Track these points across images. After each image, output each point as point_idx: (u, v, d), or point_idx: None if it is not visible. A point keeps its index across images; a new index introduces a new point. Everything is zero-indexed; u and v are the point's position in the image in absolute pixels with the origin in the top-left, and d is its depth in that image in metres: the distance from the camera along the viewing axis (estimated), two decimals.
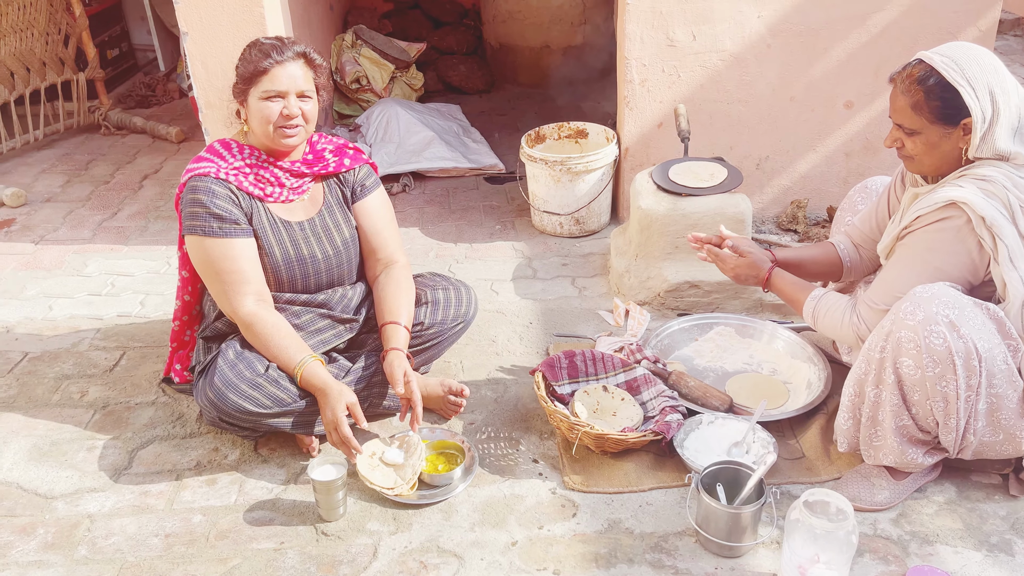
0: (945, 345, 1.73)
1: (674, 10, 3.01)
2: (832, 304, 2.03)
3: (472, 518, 1.97)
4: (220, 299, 2.11)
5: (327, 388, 2.01)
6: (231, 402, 1.99)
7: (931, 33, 3.03)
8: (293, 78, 2.07)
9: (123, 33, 5.49)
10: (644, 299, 2.80)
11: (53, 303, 2.99)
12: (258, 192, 2.14)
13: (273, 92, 2.05)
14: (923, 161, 1.88)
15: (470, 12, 5.71)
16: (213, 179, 2.09)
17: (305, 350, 2.07)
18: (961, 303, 1.74)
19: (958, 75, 1.77)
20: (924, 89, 1.80)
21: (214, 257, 2.07)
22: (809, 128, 3.23)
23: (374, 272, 2.30)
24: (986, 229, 1.75)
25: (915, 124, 1.84)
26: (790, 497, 1.98)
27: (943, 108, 1.80)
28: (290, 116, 2.08)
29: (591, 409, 2.20)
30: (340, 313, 2.23)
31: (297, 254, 2.17)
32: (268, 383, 2.02)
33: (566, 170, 3.19)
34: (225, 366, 2.03)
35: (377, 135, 4.02)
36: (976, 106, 1.76)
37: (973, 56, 1.79)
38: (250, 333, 2.08)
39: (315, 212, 2.23)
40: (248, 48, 2.10)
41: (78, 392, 2.49)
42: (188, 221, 2.09)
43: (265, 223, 2.14)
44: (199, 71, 3.00)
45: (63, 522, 2.00)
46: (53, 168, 4.24)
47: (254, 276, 2.10)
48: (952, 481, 2.01)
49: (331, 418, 1.99)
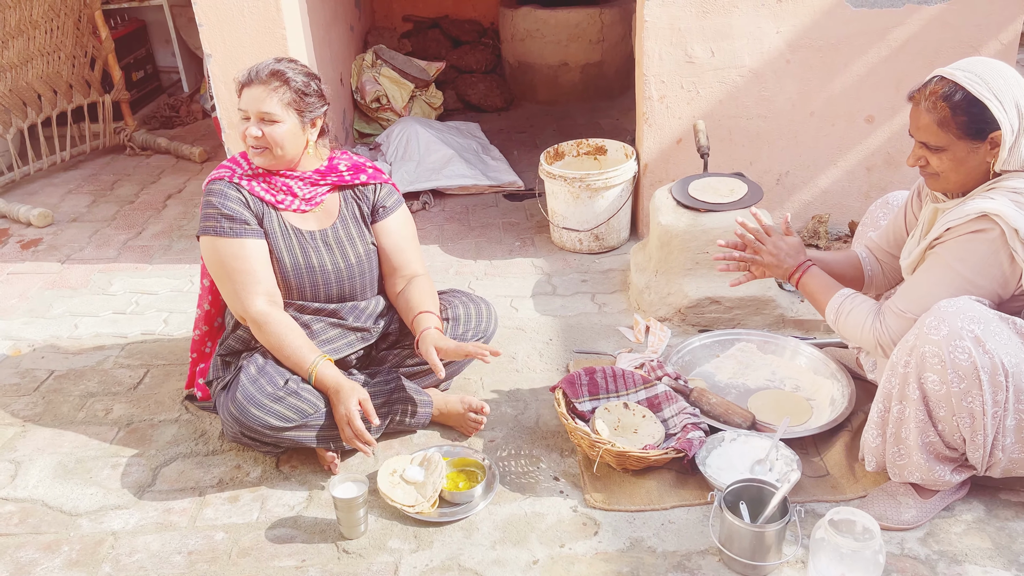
0: (970, 360, 1.70)
1: (692, 27, 3.02)
2: (858, 305, 1.99)
3: (493, 536, 1.96)
4: (231, 299, 2.13)
5: (339, 385, 2.04)
6: (254, 416, 2.00)
7: (952, 47, 3.02)
8: (254, 100, 2.06)
9: (148, 55, 5.58)
10: (664, 315, 2.79)
11: (79, 321, 3.03)
12: (270, 198, 2.17)
13: (242, 112, 2.10)
14: (949, 178, 1.86)
15: (488, 31, 5.75)
16: (226, 183, 2.15)
17: (316, 351, 2.10)
18: (986, 317, 1.72)
19: (984, 89, 1.76)
20: (950, 105, 1.79)
21: (225, 256, 2.10)
22: (829, 143, 3.22)
23: (395, 289, 2.31)
24: (1019, 241, 1.72)
25: (941, 141, 1.82)
26: (815, 515, 1.95)
27: (970, 123, 1.78)
28: (253, 137, 2.08)
29: (612, 426, 2.19)
30: (352, 323, 2.24)
31: (306, 263, 2.18)
32: (289, 395, 2.04)
33: (585, 187, 3.19)
34: (247, 381, 2.04)
35: (397, 153, 4.05)
36: (1005, 119, 1.75)
37: (996, 70, 1.78)
38: (261, 332, 2.09)
39: (328, 224, 2.24)
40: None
41: (103, 410, 2.51)
42: (202, 223, 2.14)
43: (276, 228, 2.17)
44: (222, 92, 3.04)
45: (87, 539, 2.02)
46: (79, 188, 4.30)
47: (265, 276, 2.12)
48: (980, 499, 1.98)
49: (343, 413, 2.02)
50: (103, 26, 4.55)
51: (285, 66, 2.09)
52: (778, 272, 2.16)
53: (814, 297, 2.10)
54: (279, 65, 2.09)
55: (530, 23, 5.02)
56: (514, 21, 5.09)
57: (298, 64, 2.14)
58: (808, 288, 2.11)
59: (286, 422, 2.03)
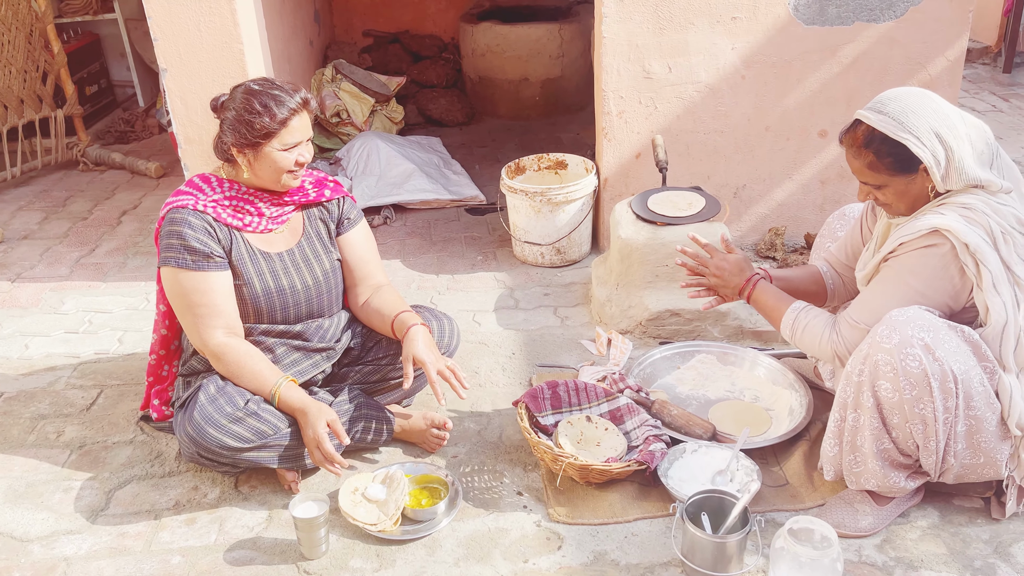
0: (921, 368, 1.74)
1: (650, 43, 3.06)
2: (812, 319, 2.03)
3: (456, 553, 1.95)
4: (191, 332, 2.10)
5: (306, 407, 2.02)
6: (211, 437, 1.97)
7: (901, 63, 3.10)
8: (306, 126, 2.10)
9: (102, 69, 5.49)
10: (626, 328, 2.81)
11: (29, 341, 2.95)
12: (236, 223, 2.13)
13: (291, 144, 2.07)
14: (898, 207, 1.92)
15: (449, 46, 5.77)
16: (191, 211, 2.08)
17: (279, 373, 2.07)
18: (936, 326, 1.77)
19: (899, 129, 1.81)
20: (873, 150, 1.85)
21: (187, 290, 2.06)
22: (785, 157, 3.28)
23: (359, 300, 2.30)
24: (969, 255, 1.77)
25: (878, 180, 1.89)
26: (775, 525, 1.98)
27: (896, 162, 1.84)
28: (303, 163, 2.12)
29: (575, 440, 2.19)
30: (316, 343, 2.22)
31: (276, 285, 2.16)
32: (248, 416, 2.01)
33: (546, 201, 3.21)
34: (205, 401, 2.01)
35: (358, 168, 4.03)
36: (925, 152, 1.80)
37: (908, 105, 1.82)
38: (220, 364, 2.06)
39: (294, 243, 2.23)
40: (249, 98, 2.04)
41: (54, 432, 2.45)
42: (164, 253, 2.09)
43: (244, 254, 2.14)
44: (178, 107, 3.00)
45: (39, 565, 1.96)
46: (30, 205, 4.21)
47: (226, 310, 2.09)
48: (935, 505, 2.02)
49: (312, 436, 1.99)
50: (55, 40, 4.47)
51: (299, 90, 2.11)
52: (727, 291, 2.22)
53: (767, 312, 2.15)
54: (298, 91, 2.10)
55: (490, 38, 5.05)
56: (474, 36, 5.11)
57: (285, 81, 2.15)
58: (760, 304, 2.16)
59: (244, 443, 1.99)
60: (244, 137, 2.04)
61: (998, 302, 1.78)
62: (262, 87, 2.06)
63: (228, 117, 2.06)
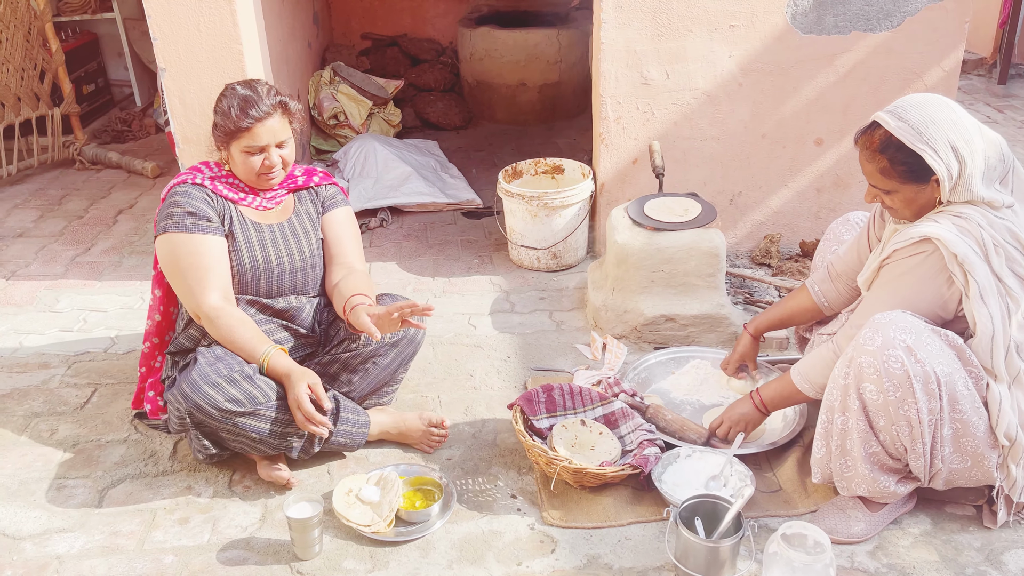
0: (903, 369, 1.76)
1: (648, 49, 3.08)
2: (813, 357, 2.05)
3: (450, 555, 1.95)
4: (186, 296, 2.14)
5: (291, 371, 2.06)
6: (204, 394, 1.99)
7: (897, 73, 3.12)
8: (272, 132, 2.14)
9: (99, 69, 5.49)
10: (621, 333, 2.82)
11: (23, 339, 2.94)
12: (232, 195, 2.22)
13: (255, 147, 2.14)
14: (904, 213, 1.92)
15: (447, 50, 5.78)
16: (190, 184, 2.19)
17: (268, 341, 2.11)
18: (918, 328, 1.78)
19: (916, 139, 1.80)
20: (888, 156, 1.85)
21: (182, 253, 2.12)
22: (781, 164, 3.30)
23: (334, 279, 2.30)
24: (958, 265, 1.78)
25: (888, 186, 1.89)
26: (768, 530, 1.98)
27: (909, 171, 1.84)
28: (271, 167, 2.18)
29: (569, 443, 2.19)
30: (298, 327, 2.27)
31: (264, 256, 2.22)
32: (243, 379, 2.04)
33: (543, 205, 3.22)
34: (204, 363, 2.03)
35: (355, 170, 4.04)
36: (940, 165, 1.80)
37: (929, 115, 1.82)
38: (214, 327, 2.10)
39: (285, 219, 2.30)
40: (224, 98, 2.15)
41: (48, 430, 2.44)
42: (162, 222, 2.15)
43: (236, 223, 2.21)
44: (177, 107, 3.00)
45: (31, 563, 1.95)
46: (26, 203, 4.20)
47: (220, 272, 2.14)
48: (927, 513, 2.03)
49: (294, 397, 2.02)
50: (54, 38, 4.47)
51: (275, 93, 2.17)
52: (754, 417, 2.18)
53: (789, 399, 2.14)
54: (272, 94, 2.16)
55: (488, 43, 5.06)
56: (472, 41, 5.12)
57: (271, 86, 2.21)
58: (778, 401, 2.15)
59: (237, 405, 2.01)
60: (217, 134, 2.17)
61: (984, 313, 1.79)
62: (240, 88, 2.15)
63: (214, 115, 2.18)
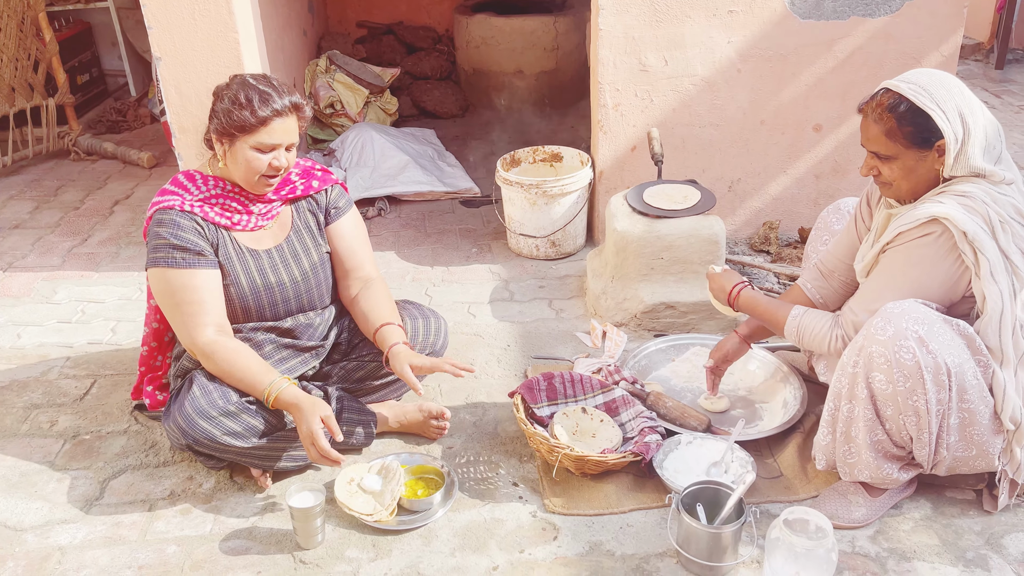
0: (914, 360, 1.76)
1: (646, 36, 3.06)
2: (815, 321, 2.04)
3: (452, 543, 1.95)
4: (180, 331, 2.06)
5: (300, 404, 1.97)
6: (201, 429, 1.95)
7: (895, 58, 3.11)
8: (287, 131, 2.04)
9: (94, 58, 5.45)
10: (621, 320, 2.82)
11: (21, 331, 2.94)
12: (225, 221, 2.10)
13: (268, 145, 2.02)
14: (900, 186, 1.91)
15: (443, 38, 5.75)
16: (178, 212, 2.05)
17: (273, 372, 2.03)
18: (930, 319, 1.78)
19: (927, 99, 1.81)
20: (896, 116, 1.84)
21: (175, 288, 2.03)
22: (779, 151, 3.29)
23: (350, 293, 2.27)
24: (968, 244, 1.78)
25: (890, 151, 1.87)
26: (769, 516, 1.99)
27: (916, 132, 1.83)
28: (279, 168, 2.07)
29: (570, 431, 2.19)
30: (306, 341, 2.21)
31: (264, 282, 2.14)
32: (241, 410, 1.99)
33: (541, 193, 3.21)
34: (199, 392, 1.99)
35: (352, 159, 4.02)
36: (948, 127, 1.80)
37: (938, 80, 1.84)
38: (211, 362, 2.02)
39: (283, 238, 2.20)
40: (239, 89, 2.01)
41: (48, 422, 2.44)
42: (151, 254, 2.05)
43: (232, 253, 2.11)
44: (173, 96, 2.98)
45: (33, 555, 1.95)
46: (21, 194, 4.18)
47: (214, 307, 2.05)
48: (927, 497, 2.03)
49: (307, 432, 1.94)
50: (47, 28, 4.43)
51: (290, 92, 2.05)
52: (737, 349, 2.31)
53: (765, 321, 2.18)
54: (288, 93, 2.04)
55: (485, 31, 5.03)
56: (469, 28, 5.09)
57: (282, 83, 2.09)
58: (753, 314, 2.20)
59: (236, 438, 1.98)
60: (222, 125, 2.01)
61: (995, 290, 1.79)
62: (256, 82, 2.03)
63: (217, 104, 2.04)
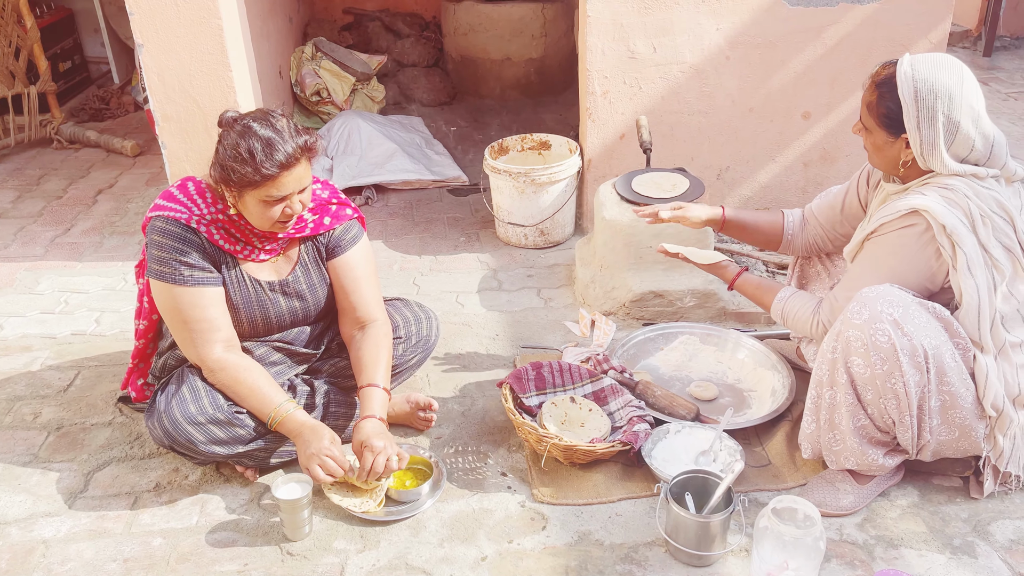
0: (890, 343, 1.76)
1: (635, 23, 3.04)
2: (799, 304, 2.06)
3: (441, 534, 1.95)
4: (186, 346, 2.01)
5: (302, 432, 1.94)
6: (185, 433, 1.94)
7: (884, 45, 3.10)
8: (298, 179, 1.90)
9: (76, 45, 5.38)
10: (609, 309, 2.81)
11: (3, 322, 2.90)
12: (229, 247, 2.02)
13: (277, 197, 1.89)
14: (873, 158, 1.96)
15: (431, 25, 5.70)
16: (184, 226, 1.96)
17: (280, 394, 1.99)
18: (905, 302, 1.79)
19: (908, 93, 1.80)
20: (879, 93, 1.86)
21: (182, 305, 1.97)
22: (768, 139, 3.28)
23: (349, 330, 2.17)
24: (946, 237, 1.78)
25: (867, 122, 1.92)
26: (758, 504, 1.99)
27: (887, 116, 1.85)
28: (291, 215, 1.95)
29: (559, 420, 2.19)
30: (299, 348, 2.18)
31: (263, 315, 2.09)
32: (227, 419, 1.97)
33: (530, 181, 3.19)
34: (188, 396, 1.97)
35: (339, 148, 3.99)
36: (913, 127, 1.80)
37: (936, 79, 1.79)
38: (215, 377, 1.99)
39: (288, 272, 2.11)
40: (239, 139, 1.84)
41: (31, 413, 2.41)
42: (156, 266, 1.97)
43: (233, 278, 2.04)
44: (155, 83, 2.94)
45: (17, 548, 1.93)
46: (3, 183, 4.12)
47: (223, 324, 2.01)
48: (914, 484, 2.04)
49: (316, 452, 1.90)
50: (28, 14, 4.36)
51: (296, 130, 1.91)
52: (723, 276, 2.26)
53: (754, 300, 2.21)
54: (297, 135, 1.89)
55: (472, 17, 4.99)
56: (456, 15, 5.05)
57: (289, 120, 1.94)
58: (745, 294, 2.22)
59: (220, 446, 1.97)
60: (228, 182, 1.88)
61: (971, 284, 1.80)
62: (259, 126, 1.86)
63: (219, 149, 1.88)
